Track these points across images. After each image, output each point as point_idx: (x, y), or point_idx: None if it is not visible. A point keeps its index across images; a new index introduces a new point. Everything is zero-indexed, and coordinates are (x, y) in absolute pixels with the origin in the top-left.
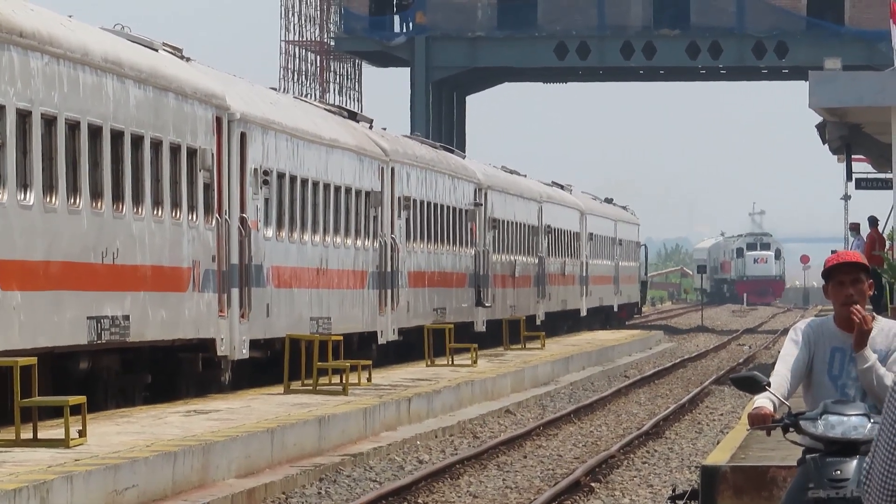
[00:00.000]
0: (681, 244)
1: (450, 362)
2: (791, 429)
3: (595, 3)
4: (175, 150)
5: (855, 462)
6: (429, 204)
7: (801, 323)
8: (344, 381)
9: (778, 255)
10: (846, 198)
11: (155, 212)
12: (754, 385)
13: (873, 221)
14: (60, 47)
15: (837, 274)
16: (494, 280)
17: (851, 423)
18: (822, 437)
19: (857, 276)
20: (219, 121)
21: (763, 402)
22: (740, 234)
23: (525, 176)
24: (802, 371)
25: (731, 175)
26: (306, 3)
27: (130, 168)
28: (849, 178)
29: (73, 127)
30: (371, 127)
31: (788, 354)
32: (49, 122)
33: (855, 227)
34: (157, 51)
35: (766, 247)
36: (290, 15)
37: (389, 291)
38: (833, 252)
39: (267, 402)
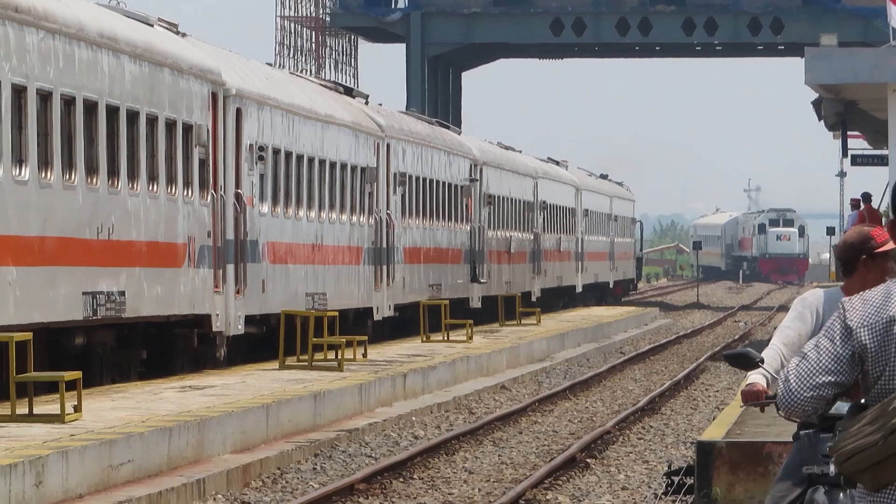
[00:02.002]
0: (676, 220)
1: (445, 338)
2: None
3: None
4: (170, 125)
5: None
6: (424, 180)
7: (808, 294)
8: (339, 357)
9: (802, 233)
10: (842, 174)
11: (150, 187)
12: (747, 362)
13: (867, 198)
14: (56, 23)
15: (885, 254)
16: (490, 256)
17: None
18: None
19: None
20: (214, 96)
21: (756, 378)
22: (762, 210)
23: (520, 152)
24: (803, 345)
25: (727, 151)
26: None
27: (126, 144)
28: (844, 154)
29: (68, 102)
30: (367, 103)
31: (788, 327)
32: (44, 97)
33: (856, 203)
34: (152, 26)
35: (789, 223)
36: None
37: (385, 267)
38: (873, 227)
39: (262, 378)
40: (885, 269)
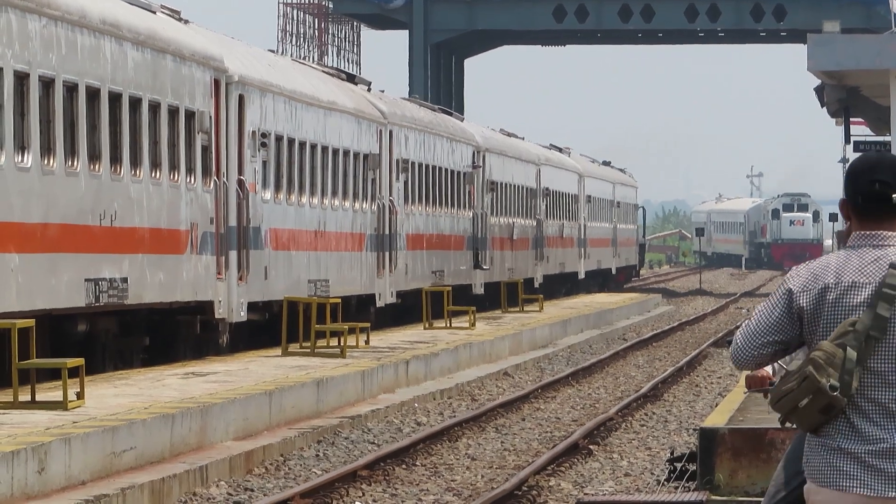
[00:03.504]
0: (678, 207)
1: (448, 325)
2: None
3: None
4: (173, 112)
5: None
6: (427, 166)
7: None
8: (342, 344)
9: (816, 217)
10: (844, 161)
11: (153, 174)
12: None
13: None
14: (58, 9)
15: None
16: (492, 243)
17: None
18: None
19: None
20: (217, 83)
21: None
22: (778, 195)
23: (523, 139)
24: None
25: (730, 138)
26: None
27: (128, 130)
28: (847, 141)
29: (70, 89)
30: (369, 89)
31: None
32: (47, 84)
33: None
34: (154, 13)
35: (803, 208)
36: None
37: (387, 254)
38: None
39: (265, 365)
40: None
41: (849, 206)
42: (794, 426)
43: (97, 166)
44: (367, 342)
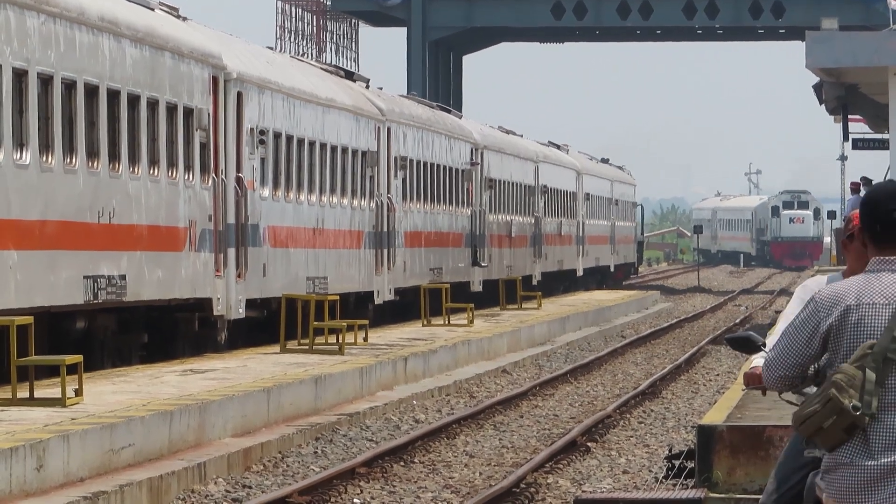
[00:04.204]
0: (677, 204)
1: (446, 322)
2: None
3: None
4: (171, 109)
5: None
6: (425, 164)
7: (810, 281)
8: (340, 341)
9: (817, 215)
10: (843, 158)
11: (151, 171)
12: (750, 345)
13: (866, 182)
14: (56, 6)
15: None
16: (491, 240)
17: None
18: None
19: None
20: (215, 80)
21: (760, 361)
22: (780, 192)
23: (521, 136)
24: None
25: (728, 135)
26: None
27: (127, 128)
28: (845, 138)
29: (69, 86)
30: (367, 87)
31: (792, 314)
32: (45, 81)
33: (856, 187)
34: (153, 10)
35: (803, 205)
36: None
37: (386, 251)
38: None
39: (263, 362)
40: (859, 252)
41: (867, 233)
42: (818, 447)
43: (95, 163)
44: (365, 339)
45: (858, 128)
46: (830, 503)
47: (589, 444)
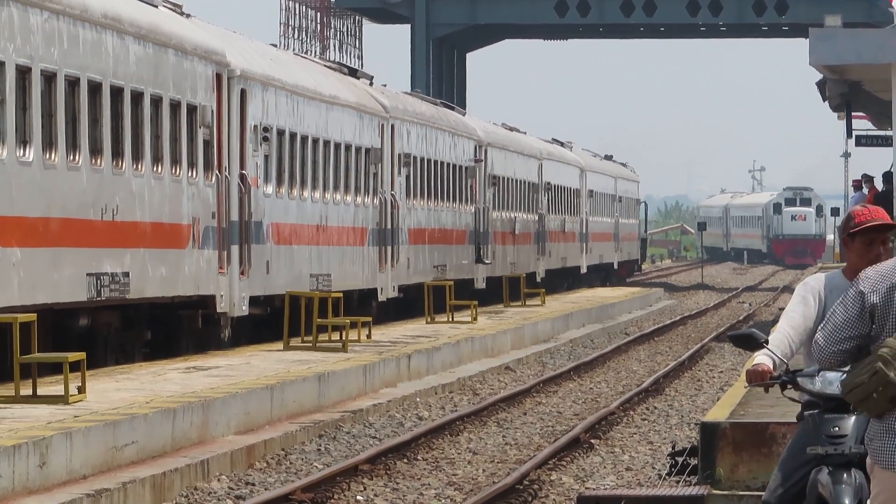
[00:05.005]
0: (680, 201)
1: (450, 319)
2: (789, 386)
3: None
4: (175, 106)
5: (853, 419)
6: (429, 161)
7: (810, 279)
8: (344, 338)
9: (819, 212)
10: (846, 155)
11: (154, 168)
12: (752, 342)
13: (867, 179)
14: (60, 3)
15: (869, 232)
16: (494, 237)
17: None
18: (820, 393)
19: (886, 235)
20: (219, 77)
21: (762, 359)
22: (783, 189)
23: (525, 133)
24: (809, 327)
25: (732, 132)
26: None
27: (130, 125)
28: (849, 135)
29: (72, 83)
30: (371, 84)
31: (794, 311)
32: (49, 78)
33: (858, 184)
34: (156, 7)
35: (806, 202)
36: None
37: (389, 248)
38: (861, 206)
39: (266, 359)
40: (862, 249)
41: None
42: (863, 413)
43: (99, 160)
44: (368, 336)
45: (862, 125)
46: (876, 469)
47: (592, 441)
